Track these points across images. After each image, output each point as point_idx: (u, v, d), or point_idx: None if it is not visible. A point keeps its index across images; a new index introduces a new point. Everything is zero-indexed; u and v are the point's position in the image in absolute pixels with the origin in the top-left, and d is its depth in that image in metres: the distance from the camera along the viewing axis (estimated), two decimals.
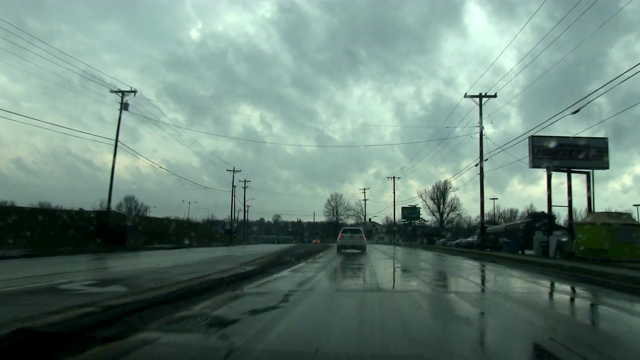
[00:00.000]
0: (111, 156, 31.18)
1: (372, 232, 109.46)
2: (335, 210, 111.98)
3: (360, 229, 32.73)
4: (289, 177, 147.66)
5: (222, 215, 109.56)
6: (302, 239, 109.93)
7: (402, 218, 68.42)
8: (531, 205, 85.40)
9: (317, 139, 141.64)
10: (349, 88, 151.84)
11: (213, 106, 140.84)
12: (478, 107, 33.48)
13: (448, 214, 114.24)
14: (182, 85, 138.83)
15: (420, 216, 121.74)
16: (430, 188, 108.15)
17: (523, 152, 30.73)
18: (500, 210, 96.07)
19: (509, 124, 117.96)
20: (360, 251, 27.60)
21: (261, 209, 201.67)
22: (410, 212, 68.24)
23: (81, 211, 31.86)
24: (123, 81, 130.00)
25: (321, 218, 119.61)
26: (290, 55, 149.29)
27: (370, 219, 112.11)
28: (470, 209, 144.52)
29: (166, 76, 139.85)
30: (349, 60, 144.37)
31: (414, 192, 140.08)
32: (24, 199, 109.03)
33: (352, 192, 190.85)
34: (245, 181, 74.13)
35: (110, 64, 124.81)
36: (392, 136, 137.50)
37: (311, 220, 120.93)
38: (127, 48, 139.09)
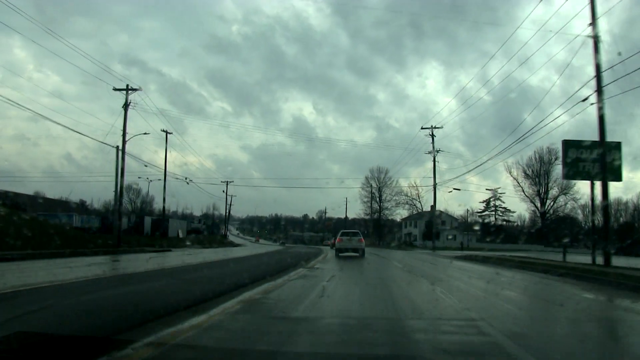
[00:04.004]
0: None
1: (436, 226, 69.12)
2: (377, 194, 73.58)
3: (359, 231, 30.62)
4: (340, 172, 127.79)
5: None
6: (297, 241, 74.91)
7: (570, 171, 21.09)
8: None
9: (374, 127, 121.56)
10: (408, 70, 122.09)
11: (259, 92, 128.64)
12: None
13: (555, 199, 72.52)
14: (225, 70, 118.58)
15: (503, 203, 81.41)
16: (524, 161, 67.98)
17: None
18: None
19: None
20: (358, 254, 24.54)
21: (304, 204, 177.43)
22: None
23: None
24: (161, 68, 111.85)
25: (357, 209, 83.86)
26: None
27: (432, 206, 72.44)
28: (586, 191, 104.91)
29: (207, 61, 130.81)
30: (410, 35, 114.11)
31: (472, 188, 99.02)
32: None
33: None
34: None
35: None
36: (453, 126, 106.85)
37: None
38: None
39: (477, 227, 74.03)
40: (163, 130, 44.34)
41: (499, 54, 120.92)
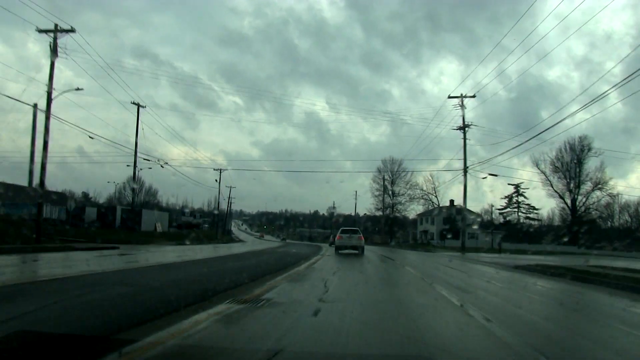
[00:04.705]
0: None
1: (456, 222, 62.72)
2: (390, 187, 65.80)
3: (359, 229, 31.47)
4: (353, 168, 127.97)
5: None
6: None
7: None
8: None
9: (388, 122, 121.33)
10: (423, 65, 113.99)
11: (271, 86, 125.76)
12: None
13: (587, 195, 64.31)
14: (237, 65, 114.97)
15: (526, 199, 73.00)
16: (552, 154, 60.04)
17: None
18: None
19: None
20: (357, 252, 24.90)
21: (316, 201, 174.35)
22: None
23: None
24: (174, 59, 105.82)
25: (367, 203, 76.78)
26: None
27: (453, 201, 66.11)
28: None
29: (219, 55, 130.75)
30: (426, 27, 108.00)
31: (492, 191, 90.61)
32: None
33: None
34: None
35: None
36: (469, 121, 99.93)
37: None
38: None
39: (504, 225, 65.93)
40: (133, 103, 37.36)
41: (518, 48, 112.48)
